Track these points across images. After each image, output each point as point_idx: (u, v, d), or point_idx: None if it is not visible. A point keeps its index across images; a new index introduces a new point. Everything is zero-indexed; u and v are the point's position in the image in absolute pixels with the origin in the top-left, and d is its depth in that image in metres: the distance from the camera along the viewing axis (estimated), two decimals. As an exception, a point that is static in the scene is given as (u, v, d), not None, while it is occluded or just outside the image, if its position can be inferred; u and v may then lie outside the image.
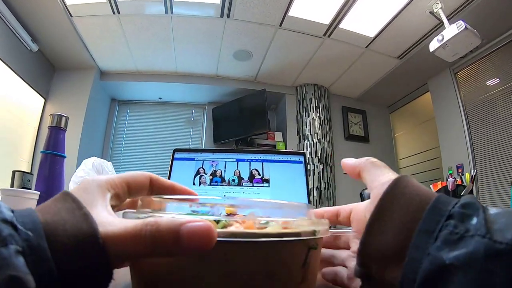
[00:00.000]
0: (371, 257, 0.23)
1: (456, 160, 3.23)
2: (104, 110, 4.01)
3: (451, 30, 2.22)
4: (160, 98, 4.21)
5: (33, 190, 0.75)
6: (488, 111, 3.02)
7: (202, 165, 0.84)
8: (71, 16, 2.74)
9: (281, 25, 2.90)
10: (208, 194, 0.81)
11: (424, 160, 3.88)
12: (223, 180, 0.83)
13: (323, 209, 0.36)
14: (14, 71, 2.80)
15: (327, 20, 2.83)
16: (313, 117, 3.89)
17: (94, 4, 2.64)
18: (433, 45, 2.36)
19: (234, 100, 3.94)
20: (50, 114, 0.85)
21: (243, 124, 3.76)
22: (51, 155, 0.81)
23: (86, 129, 3.38)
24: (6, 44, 2.69)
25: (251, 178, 0.83)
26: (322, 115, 3.92)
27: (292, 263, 0.23)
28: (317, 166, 3.69)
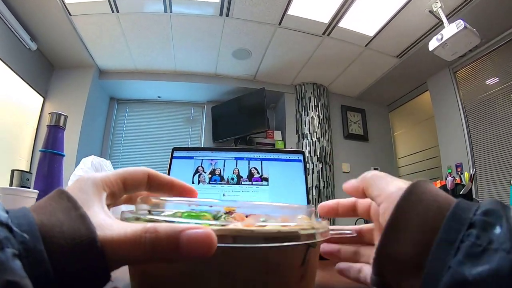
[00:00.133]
0: (387, 267, 0.22)
1: (455, 159, 3.23)
2: (103, 109, 4.00)
3: (450, 29, 2.22)
4: (159, 96, 4.20)
5: (32, 189, 0.75)
6: (487, 110, 3.02)
7: (201, 164, 0.84)
8: (70, 14, 2.74)
9: (280, 23, 2.89)
10: (207, 193, 0.81)
11: (423, 159, 3.88)
12: (222, 178, 0.83)
13: (336, 201, 0.34)
14: (13, 70, 2.80)
15: (326, 19, 2.82)
16: (312, 116, 3.89)
17: (93, 2, 2.63)
18: (433, 44, 2.36)
19: (233, 99, 3.94)
20: (49, 113, 0.85)
21: (242, 123, 3.75)
22: (50, 154, 0.81)
23: (85, 127, 3.37)
24: (5, 43, 2.68)
25: (250, 176, 0.83)
26: (321, 114, 3.92)
27: (291, 261, 0.23)
28: (316, 165, 3.69)
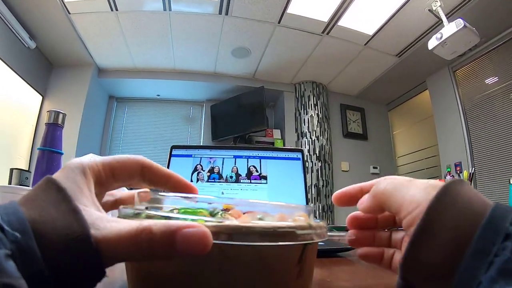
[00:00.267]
0: (414, 272, 0.21)
1: (454, 158, 3.24)
2: (102, 107, 4.00)
3: (450, 28, 2.22)
4: (158, 95, 4.19)
5: (30, 187, 0.75)
6: (486, 109, 3.02)
7: (200, 162, 0.84)
8: (69, 13, 2.73)
9: (279, 22, 2.89)
10: (206, 191, 0.80)
11: (422, 158, 3.89)
12: (220, 176, 0.83)
13: (358, 186, 0.31)
14: (11, 69, 2.79)
15: (325, 18, 2.82)
16: (312, 115, 3.89)
17: (92, 1, 2.62)
18: (432, 43, 2.36)
19: (232, 97, 3.93)
20: (48, 111, 0.85)
21: (241, 122, 3.75)
22: (48, 152, 0.81)
23: (84, 126, 3.37)
24: (4, 41, 2.67)
25: (249, 175, 0.83)
26: (320, 113, 3.92)
27: (287, 258, 0.23)
28: (315, 163, 3.69)
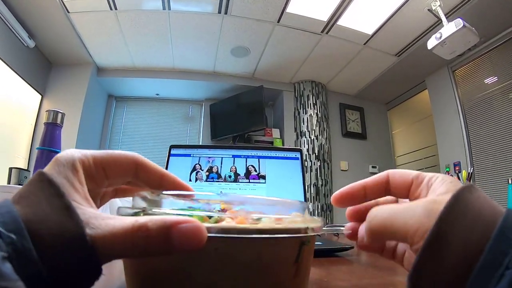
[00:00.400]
0: (424, 285, 0.21)
1: (453, 157, 3.24)
2: (101, 106, 3.99)
3: (449, 28, 2.22)
4: (157, 94, 4.19)
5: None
6: (485, 109, 3.03)
7: (199, 161, 0.84)
8: (68, 12, 2.72)
9: (279, 21, 2.89)
10: (205, 191, 0.81)
11: (421, 157, 3.89)
12: (219, 176, 0.83)
13: (361, 184, 0.29)
14: (10, 67, 2.79)
15: (325, 17, 2.82)
16: (311, 114, 3.89)
17: (91, -1, 2.62)
18: (431, 42, 2.36)
19: (231, 96, 3.93)
20: (46, 110, 0.85)
21: (240, 121, 3.75)
22: (47, 152, 0.81)
23: (83, 125, 3.37)
24: (3, 40, 2.67)
25: (248, 174, 0.83)
26: (319, 112, 3.92)
27: (284, 258, 0.23)
28: (314, 162, 3.69)
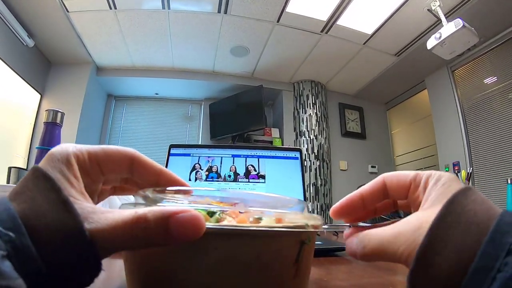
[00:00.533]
0: (423, 287, 0.21)
1: (453, 157, 3.24)
2: (100, 105, 3.99)
3: (449, 28, 2.22)
4: (156, 93, 4.19)
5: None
6: (485, 109, 3.03)
7: (198, 161, 0.84)
8: (67, 11, 2.72)
9: (278, 21, 2.89)
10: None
11: (421, 157, 3.89)
12: (219, 176, 0.83)
13: (358, 193, 0.29)
14: (9, 67, 2.78)
15: (324, 17, 2.82)
16: (310, 114, 3.89)
17: (90, -2, 2.62)
18: (431, 42, 2.36)
19: (231, 96, 3.93)
20: (46, 110, 0.85)
21: (240, 120, 3.75)
22: (47, 151, 0.80)
23: (83, 125, 3.36)
24: (2, 39, 2.66)
25: (247, 174, 0.83)
26: (319, 112, 3.92)
27: (284, 258, 0.23)
28: (313, 162, 3.70)
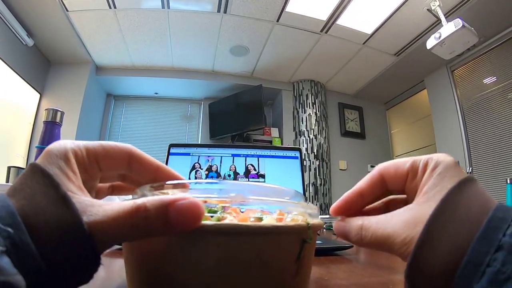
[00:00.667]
0: (419, 280, 0.22)
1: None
2: (100, 105, 3.98)
3: (448, 28, 2.22)
4: (156, 93, 4.19)
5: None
6: (484, 109, 3.04)
7: (198, 160, 0.84)
8: (67, 10, 2.72)
9: (278, 20, 2.89)
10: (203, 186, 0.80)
11: (420, 157, 3.89)
12: (218, 175, 0.83)
13: (356, 190, 0.29)
14: (9, 66, 2.78)
15: (324, 16, 2.82)
16: (310, 113, 3.89)
17: (90, -2, 2.62)
18: (430, 42, 2.36)
19: (230, 95, 3.93)
20: (46, 109, 0.84)
21: (239, 120, 3.75)
22: (46, 150, 0.80)
23: (82, 124, 3.36)
24: (1, 38, 2.66)
25: (247, 173, 0.83)
26: (318, 111, 3.92)
27: (286, 256, 0.23)
28: (313, 162, 3.70)
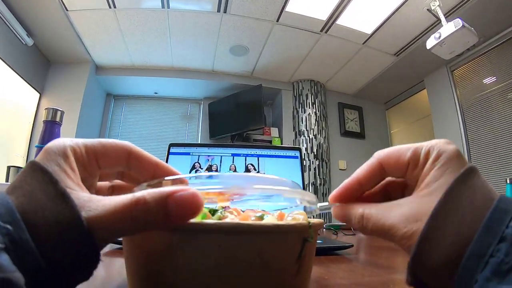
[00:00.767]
0: (422, 272, 0.22)
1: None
2: (99, 104, 3.98)
3: (448, 28, 2.22)
4: (156, 93, 4.18)
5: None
6: (484, 109, 3.03)
7: (198, 160, 0.84)
8: (67, 9, 2.71)
9: (278, 20, 2.89)
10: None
11: (420, 157, 3.89)
12: (219, 174, 0.83)
13: (354, 178, 0.29)
14: (9, 66, 2.78)
15: (324, 16, 2.82)
16: (309, 113, 3.89)
17: (89, -3, 2.61)
18: (430, 42, 2.36)
19: (230, 95, 3.93)
20: (45, 108, 0.84)
21: (239, 120, 3.75)
22: (46, 149, 0.80)
23: (82, 123, 3.36)
24: (1, 38, 2.66)
25: (247, 172, 0.83)
26: (318, 111, 3.92)
27: (286, 255, 0.23)
28: (312, 162, 3.70)
